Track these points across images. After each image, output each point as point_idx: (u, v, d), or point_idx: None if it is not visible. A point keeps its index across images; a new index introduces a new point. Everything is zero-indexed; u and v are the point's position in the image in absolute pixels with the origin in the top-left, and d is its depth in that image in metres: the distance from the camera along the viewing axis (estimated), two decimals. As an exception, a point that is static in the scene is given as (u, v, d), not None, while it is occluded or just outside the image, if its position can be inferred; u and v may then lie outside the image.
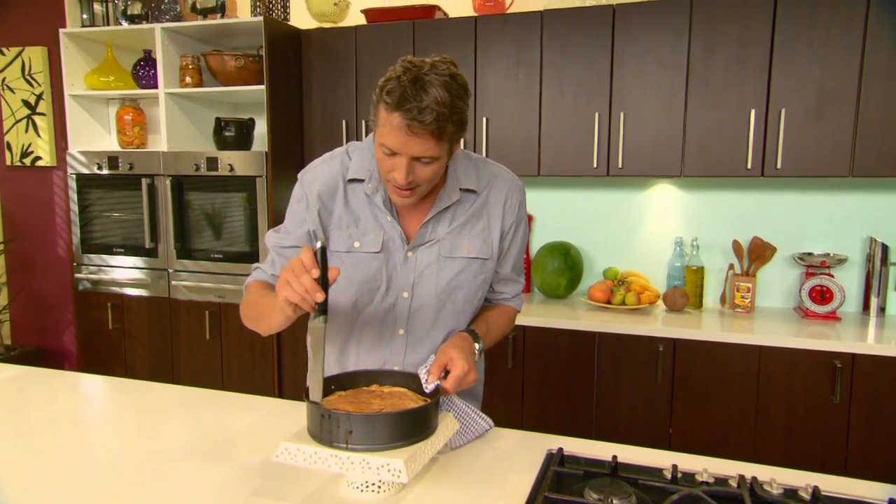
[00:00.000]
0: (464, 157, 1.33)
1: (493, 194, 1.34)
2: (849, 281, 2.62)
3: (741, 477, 1.08)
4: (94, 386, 1.66)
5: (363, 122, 2.88)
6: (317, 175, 1.30)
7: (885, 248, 2.51)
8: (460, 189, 1.30)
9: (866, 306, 2.58)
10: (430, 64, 1.11)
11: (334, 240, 1.29)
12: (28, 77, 3.57)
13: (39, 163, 3.63)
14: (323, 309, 1.04)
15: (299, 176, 1.33)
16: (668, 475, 1.11)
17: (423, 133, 1.09)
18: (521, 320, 2.48)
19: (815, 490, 1.04)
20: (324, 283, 1.03)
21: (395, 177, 1.16)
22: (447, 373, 1.18)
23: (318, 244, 1.03)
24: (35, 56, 3.54)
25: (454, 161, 1.30)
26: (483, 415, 1.29)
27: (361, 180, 1.29)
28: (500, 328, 1.42)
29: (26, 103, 3.60)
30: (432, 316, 1.31)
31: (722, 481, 1.09)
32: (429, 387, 1.15)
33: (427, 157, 1.14)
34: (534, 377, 2.52)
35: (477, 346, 1.27)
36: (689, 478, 1.10)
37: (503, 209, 1.34)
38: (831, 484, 1.09)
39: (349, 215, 1.29)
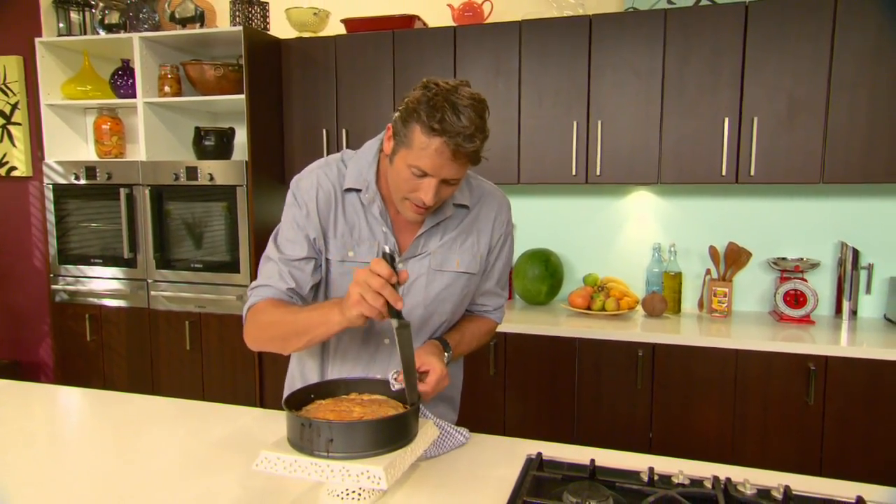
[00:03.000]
0: None
1: (483, 211, 1.36)
2: (821, 285, 2.67)
3: (715, 478, 1.10)
4: (71, 398, 1.64)
5: (343, 130, 2.89)
6: (312, 181, 1.28)
7: (855, 253, 2.57)
8: (454, 204, 1.32)
9: (839, 310, 2.64)
10: (452, 86, 1.13)
11: (329, 248, 1.29)
12: (3, 86, 3.52)
13: (15, 173, 3.58)
14: (399, 313, 1.06)
15: (294, 182, 1.31)
16: (645, 478, 1.13)
17: (463, 158, 1.12)
18: (503, 327, 2.49)
19: (787, 489, 1.06)
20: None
21: (420, 197, 1.16)
22: (420, 374, 1.19)
23: (387, 248, 1.06)
24: (10, 65, 3.50)
25: None
26: (460, 429, 1.31)
27: (358, 190, 1.28)
28: (475, 340, 1.43)
29: (1, 113, 3.55)
30: (418, 326, 1.33)
31: (697, 483, 1.11)
32: (396, 386, 1.16)
33: (456, 179, 1.16)
34: (515, 383, 2.54)
35: (446, 354, 1.29)
36: (666, 480, 1.12)
37: (493, 226, 1.37)
38: (803, 483, 1.12)
39: (345, 224, 1.28)
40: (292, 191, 1.30)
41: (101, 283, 3.05)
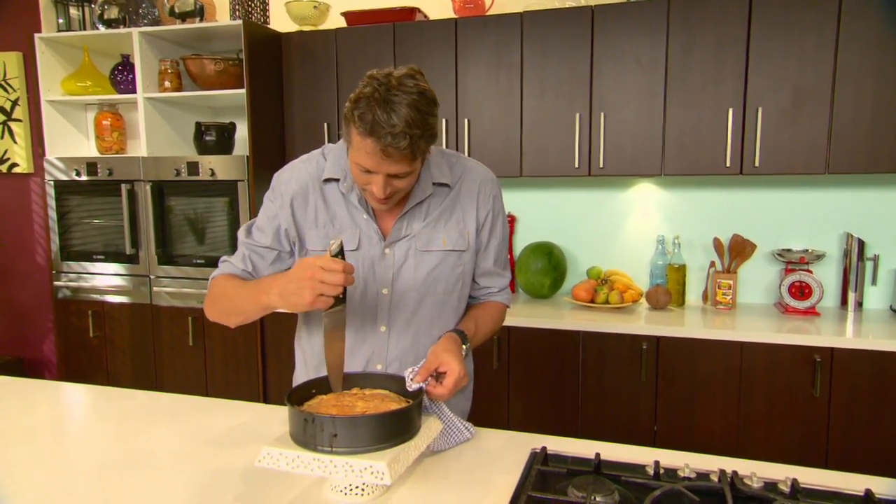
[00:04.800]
0: (436, 153, 1.35)
1: (465, 186, 1.36)
2: (827, 276, 2.66)
3: (722, 471, 1.09)
4: (75, 395, 1.64)
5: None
6: (292, 175, 1.33)
7: (861, 244, 2.55)
8: (433, 183, 1.32)
9: (844, 301, 2.62)
10: (396, 79, 1.09)
11: (311, 239, 1.32)
12: (3, 83, 3.52)
13: (16, 170, 3.58)
14: (343, 299, 1.11)
15: (275, 176, 1.37)
16: (651, 471, 1.12)
17: (398, 156, 1.10)
18: (506, 321, 2.47)
19: (794, 482, 1.05)
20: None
21: (372, 190, 1.18)
22: (438, 374, 1.19)
23: (338, 241, 1.09)
24: (10, 61, 3.49)
25: (427, 157, 1.32)
26: (467, 424, 1.30)
27: (336, 179, 1.31)
28: (489, 325, 1.43)
29: (2, 109, 3.54)
30: (412, 310, 1.33)
31: (703, 476, 1.10)
32: (413, 386, 1.16)
33: (404, 173, 1.16)
34: (519, 377, 2.53)
35: (464, 346, 1.28)
36: (671, 473, 1.11)
37: (476, 201, 1.36)
38: (810, 476, 1.11)
39: (325, 214, 1.31)
40: (272, 183, 1.37)
41: (104, 279, 3.05)
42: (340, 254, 1.08)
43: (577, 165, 2.60)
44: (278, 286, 1.12)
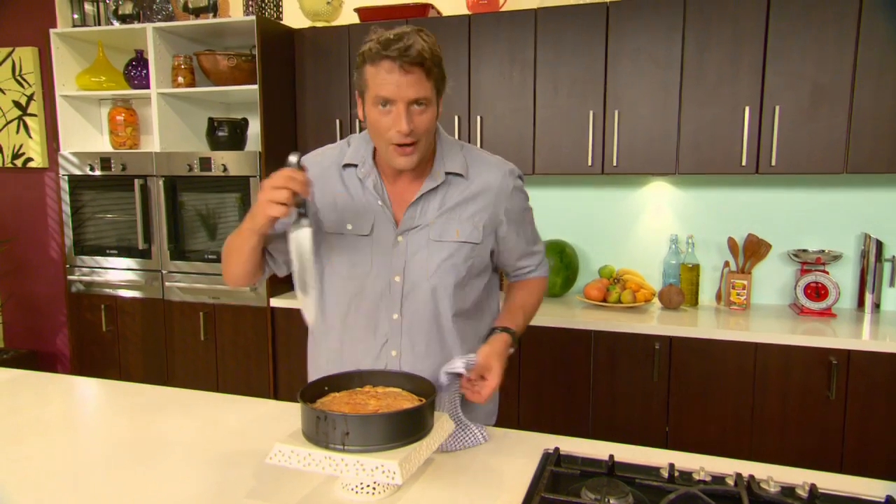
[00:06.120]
0: (453, 144, 1.37)
1: (483, 180, 1.36)
2: (843, 277, 2.62)
3: (738, 475, 1.08)
4: (87, 389, 1.65)
5: (357, 121, 2.87)
6: (316, 158, 1.38)
7: (879, 245, 2.51)
8: (446, 173, 1.33)
9: (861, 302, 2.58)
10: (401, 29, 1.19)
11: (328, 221, 1.33)
12: (19, 78, 3.54)
13: (31, 164, 3.60)
14: (305, 212, 1.14)
15: (302, 158, 1.39)
16: (665, 474, 1.10)
17: (414, 69, 1.15)
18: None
19: (813, 487, 1.04)
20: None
21: (396, 129, 1.19)
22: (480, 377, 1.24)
23: (297, 155, 1.13)
24: (26, 56, 3.51)
25: (441, 145, 1.35)
26: (482, 428, 1.29)
27: (355, 165, 1.33)
28: (534, 306, 1.49)
29: (17, 104, 3.57)
30: (424, 299, 1.33)
31: (719, 480, 1.08)
32: (457, 367, 1.21)
33: (421, 99, 1.19)
34: (530, 376, 2.52)
35: (511, 350, 1.33)
36: (686, 476, 1.10)
37: (496, 196, 1.36)
38: (828, 481, 1.09)
39: (343, 199, 1.33)
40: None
41: (117, 273, 3.07)
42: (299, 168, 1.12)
43: (590, 163, 2.58)
44: (248, 213, 1.20)
